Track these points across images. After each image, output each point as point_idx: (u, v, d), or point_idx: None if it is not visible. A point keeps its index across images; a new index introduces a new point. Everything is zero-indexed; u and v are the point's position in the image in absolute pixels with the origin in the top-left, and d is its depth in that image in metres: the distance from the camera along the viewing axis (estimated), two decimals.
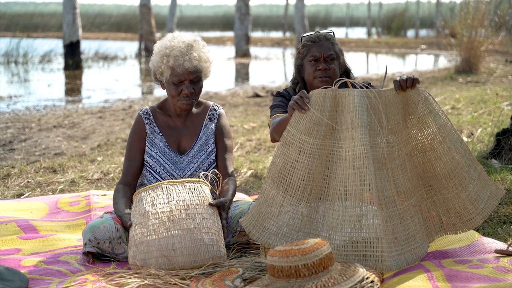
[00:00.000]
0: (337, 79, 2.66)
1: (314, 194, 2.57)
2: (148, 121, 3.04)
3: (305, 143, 2.56)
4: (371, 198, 2.50)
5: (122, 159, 4.97)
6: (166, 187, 2.69)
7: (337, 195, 2.52)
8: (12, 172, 4.57)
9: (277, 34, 33.61)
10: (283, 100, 3.14)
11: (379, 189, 2.50)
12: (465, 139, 5.29)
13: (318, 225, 2.57)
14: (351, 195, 2.48)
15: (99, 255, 2.72)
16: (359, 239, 2.47)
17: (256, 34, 31.97)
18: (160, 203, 2.62)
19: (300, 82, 3.19)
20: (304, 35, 3.23)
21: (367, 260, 2.46)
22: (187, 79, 2.90)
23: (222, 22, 40.71)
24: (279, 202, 2.58)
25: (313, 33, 3.21)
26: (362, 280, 2.22)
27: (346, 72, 3.24)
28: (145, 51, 18.44)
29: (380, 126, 2.55)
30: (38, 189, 4.19)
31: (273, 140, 2.99)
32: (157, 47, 2.96)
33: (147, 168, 2.99)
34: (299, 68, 3.18)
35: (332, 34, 3.21)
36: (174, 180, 2.72)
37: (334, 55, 3.10)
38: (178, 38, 2.94)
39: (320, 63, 3.08)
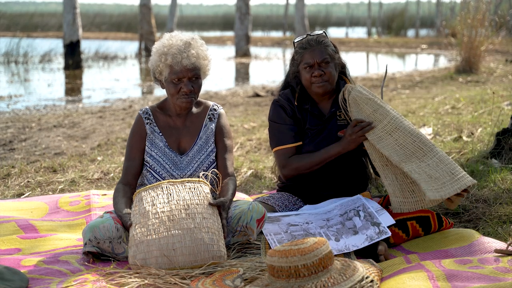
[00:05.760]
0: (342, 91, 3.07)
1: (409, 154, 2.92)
2: (148, 121, 3.04)
3: (384, 127, 2.95)
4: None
5: (122, 158, 4.97)
6: (166, 187, 2.69)
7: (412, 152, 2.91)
8: (12, 172, 4.57)
9: (277, 34, 33.63)
10: (285, 119, 3.16)
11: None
12: (465, 138, 5.29)
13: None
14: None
15: (99, 255, 2.72)
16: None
17: (256, 34, 31.98)
18: (160, 203, 2.62)
19: (298, 87, 3.18)
20: (295, 40, 3.21)
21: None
22: (185, 77, 2.90)
23: (222, 22, 40.76)
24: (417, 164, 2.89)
25: (304, 37, 3.18)
26: (362, 279, 2.22)
27: (343, 69, 3.24)
28: (145, 51, 18.45)
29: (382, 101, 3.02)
30: (38, 189, 4.19)
31: (293, 176, 3.19)
32: (155, 47, 2.97)
33: (147, 168, 2.99)
34: (295, 74, 3.18)
35: (324, 34, 3.18)
36: (174, 180, 2.72)
37: (328, 58, 3.08)
38: (176, 37, 2.95)
39: (315, 69, 3.07)
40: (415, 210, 2.90)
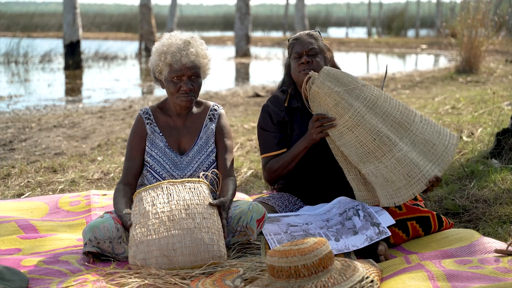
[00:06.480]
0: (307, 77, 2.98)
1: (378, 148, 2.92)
2: (149, 121, 3.04)
3: (345, 123, 2.92)
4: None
5: (122, 159, 4.97)
6: (166, 187, 2.69)
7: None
8: (12, 172, 4.57)
9: (277, 34, 33.63)
10: (271, 126, 3.18)
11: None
12: (465, 138, 5.29)
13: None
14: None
15: (99, 255, 2.72)
16: None
17: (256, 34, 31.98)
18: (160, 203, 2.62)
19: (291, 84, 3.19)
20: (290, 37, 3.25)
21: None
22: (185, 75, 2.90)
23: (222, 22, 40.78)
24: (378, 166, 2.89)
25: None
26: (362, 279, 2.22)
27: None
28: (145, 51, 18.45)
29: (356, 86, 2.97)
30: (38, 189, 4.19)
31: (274, 179, 3.19)
32: (155, 46, 2.98)
33: (147, 168, 2.99)
34: (288, 69, 3.20)
35: (317, 32, 3.23)
36: (174, 180, 2.72)
37: (316, 49, 3.11)
38: (176, 36, 2.96)
39: (303, 57, 3.10)
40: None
